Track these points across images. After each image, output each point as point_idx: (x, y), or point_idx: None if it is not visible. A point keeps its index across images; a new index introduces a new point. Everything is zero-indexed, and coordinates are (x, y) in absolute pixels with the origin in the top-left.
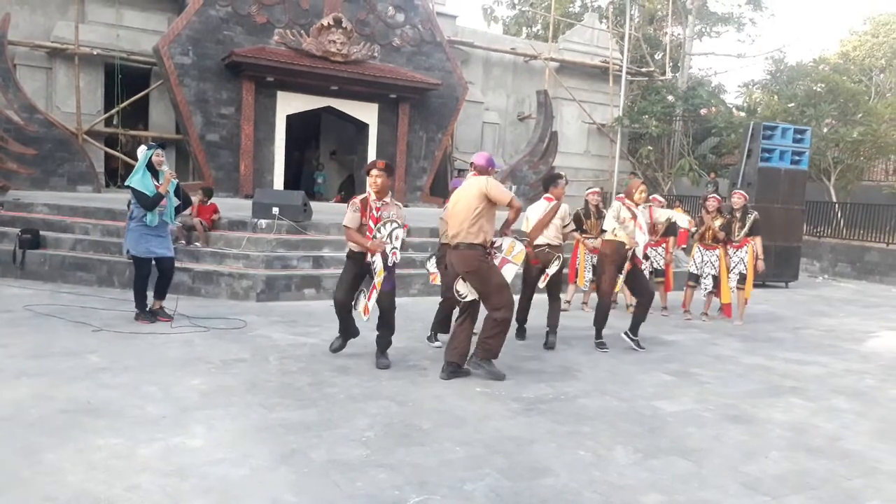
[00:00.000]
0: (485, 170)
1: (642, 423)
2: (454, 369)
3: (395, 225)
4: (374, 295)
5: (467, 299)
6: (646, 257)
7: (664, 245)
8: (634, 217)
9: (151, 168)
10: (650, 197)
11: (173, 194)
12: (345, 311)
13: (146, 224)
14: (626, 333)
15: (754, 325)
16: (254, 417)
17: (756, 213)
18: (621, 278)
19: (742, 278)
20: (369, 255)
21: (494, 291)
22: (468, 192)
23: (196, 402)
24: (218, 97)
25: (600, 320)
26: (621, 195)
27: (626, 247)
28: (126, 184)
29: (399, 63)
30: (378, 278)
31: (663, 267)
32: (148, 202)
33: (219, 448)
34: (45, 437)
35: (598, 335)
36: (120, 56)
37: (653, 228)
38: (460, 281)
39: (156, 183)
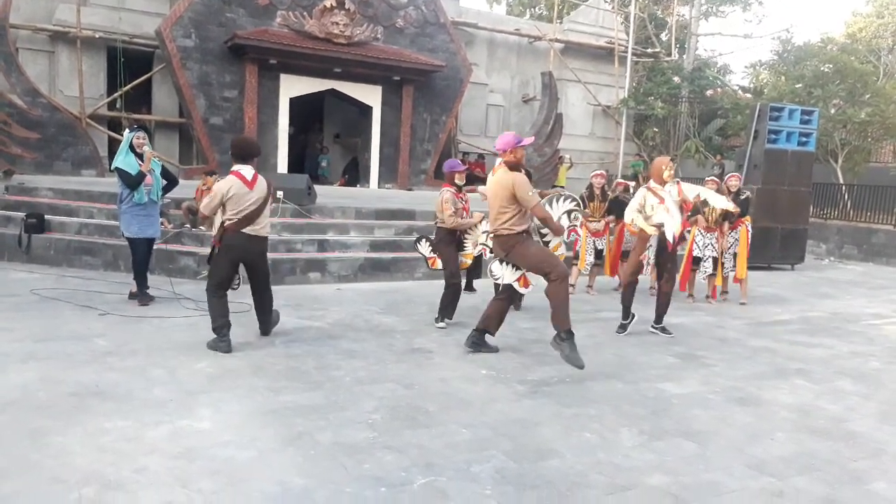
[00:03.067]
0: (515, 166)
1: (647, 405)
2: (476, 339)
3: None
4: None
5: (500, 281)
6: (682, 238)
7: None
8: (662, 200)
9: (134, 151)
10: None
11: (160, 175)
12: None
13: (135, 203)
14: (652, 327)
15: (760, 307)
16: (260, 400)
17: (748, 192)
18: (651, 261)
19: (734, 258)
20: None
21: (539, 262)
22: (499, 187)
23: (203, 385)
24: (221, 80)
25: (623, 303)
26: (647, 183)
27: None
28: (112, 167)
29: (402, 45)
30: None
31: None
32: (131, 180)
33: (226, 430)
34: (53, 420)
35: (624, 316)
36: (122, 39)
37: (683, 206)
38: (496, 263)
39: (140, 163)
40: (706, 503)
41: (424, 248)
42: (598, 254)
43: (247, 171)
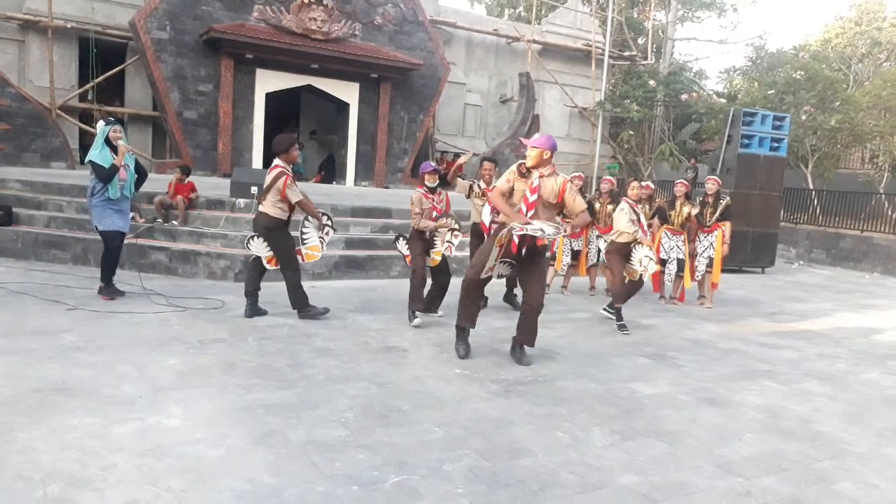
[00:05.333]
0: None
1: (619, 405)
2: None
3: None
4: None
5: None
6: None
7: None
8: (637, 216)
9: (110, 143)
10: (642, 184)
11: (133, 169)
12: None
13: (109, 198)
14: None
15: (730, 309)
16: (231, 398)
17: (728, 198)
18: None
19: (711, 262)
20: None
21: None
22: None
23: (173, 382)
24: (196, 74)
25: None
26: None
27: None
28: (87, 160)
29: (380, 42)
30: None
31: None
32: (105, 174)
33: (196, 428)
34: (18, 416)
35: (618, 317)
36: (95, 30)
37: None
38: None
39: (114, 156)
40: (676, 503)
41: (402, 246)
42: (575, 255)
43: (274, 164)
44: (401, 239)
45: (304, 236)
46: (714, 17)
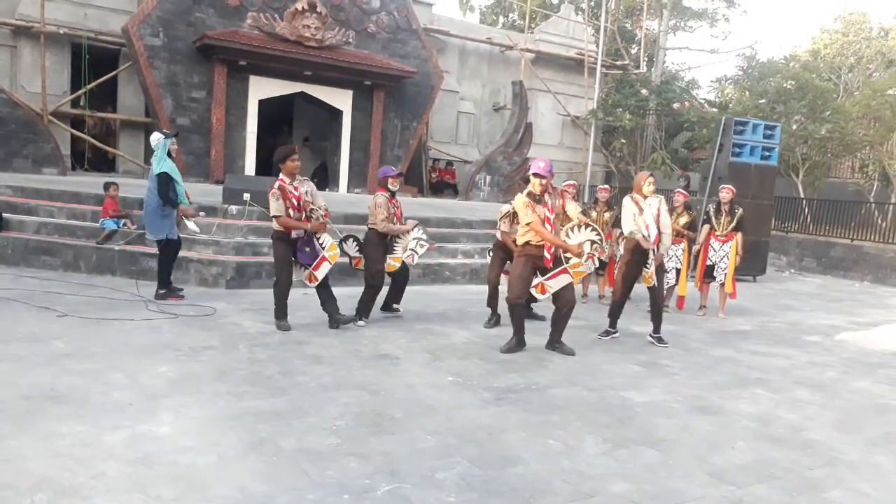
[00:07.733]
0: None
1: (611, 413)
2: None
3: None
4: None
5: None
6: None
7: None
8: (641, 211)
9: (171, 157)
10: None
11: None
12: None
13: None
14: (650, 335)
15: (723, 317)
16: (222, 405)
17: (742, 209)
18: (651, 271)
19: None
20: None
21: None
22: None
23: (164, 390)
24: (189, 80)
25: (613, 313)
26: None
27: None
28: (160, 172)
29: (374, 50)
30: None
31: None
32: (182, 193)
33: (186, 436)
34: (6, 423)
35: (612, 325)
36: (87, 36)
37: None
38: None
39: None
40: None
41: (351, 247)
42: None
43: None
44: (350, 240)
45: (321, 243)
46: (706, 26)
